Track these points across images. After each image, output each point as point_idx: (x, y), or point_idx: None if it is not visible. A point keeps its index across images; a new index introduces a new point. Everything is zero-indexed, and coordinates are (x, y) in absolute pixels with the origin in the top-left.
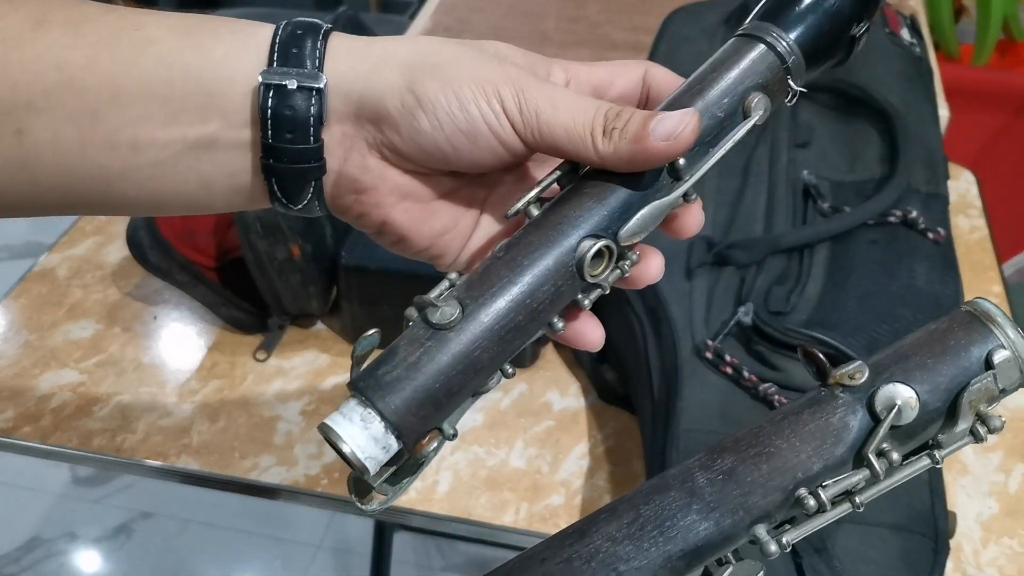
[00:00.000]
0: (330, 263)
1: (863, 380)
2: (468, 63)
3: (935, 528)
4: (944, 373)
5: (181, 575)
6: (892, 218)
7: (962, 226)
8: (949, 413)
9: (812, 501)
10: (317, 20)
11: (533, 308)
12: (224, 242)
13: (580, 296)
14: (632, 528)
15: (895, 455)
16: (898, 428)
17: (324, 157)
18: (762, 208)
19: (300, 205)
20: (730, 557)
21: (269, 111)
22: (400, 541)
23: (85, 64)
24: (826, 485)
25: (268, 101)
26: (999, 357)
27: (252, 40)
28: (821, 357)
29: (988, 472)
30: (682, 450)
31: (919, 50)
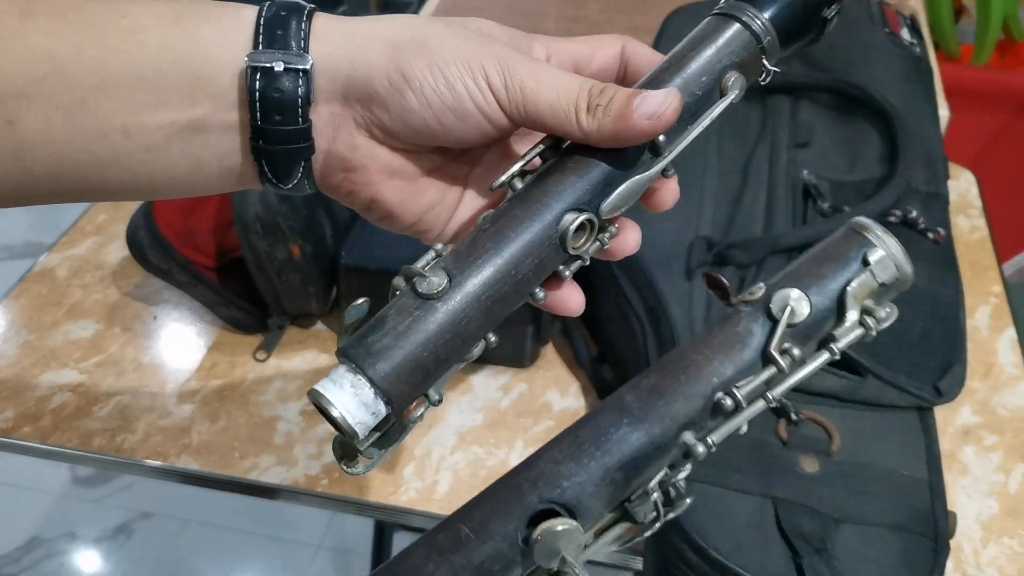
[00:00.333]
0: (330, 263)
1: (761, 294)
2: (453, 40)
3: (935, 528)
4: (829, 276)
5: (181, 575)
6: (892, 218)
7: (962, 226)
8: (839, 310)
9: (729, 401)
10: (301, 2)
11: (517, 279)
12: (224, 242)
13: (562, 267)
14: (572, 448)
15: (796, 351)
16: (795, 327)
17: (312, 137)
18: (762, 208)
19: (290, 185)
20: (668, 473)
21: (257, 93)
22: (400, 541)
23: (73, 53)
24: (740, 386)
25: (256, 83)
26: (874, 256)
27: (237, 23)
28: (724, 281)
29: (988, 472)
30: None
31: (919, 50)
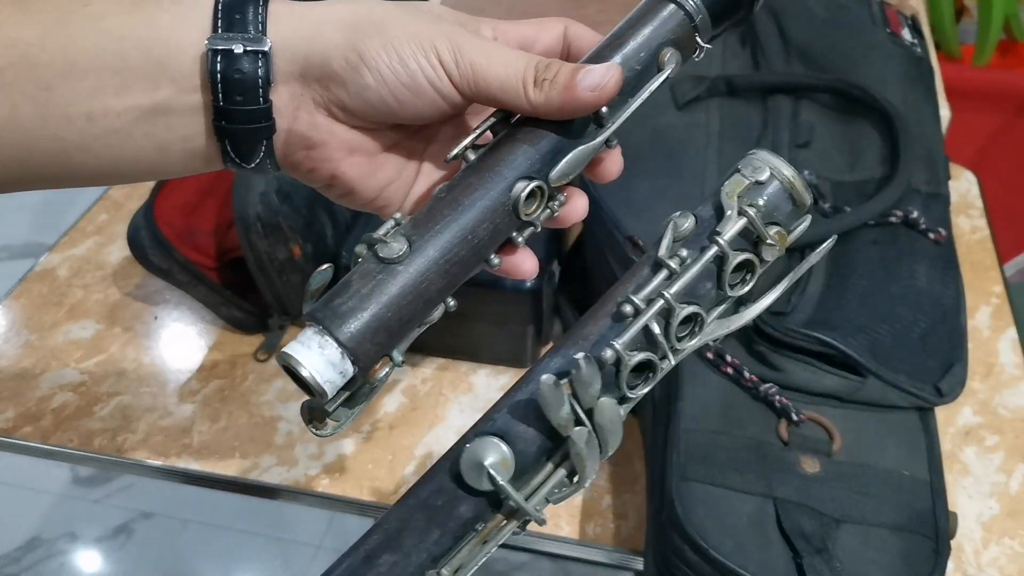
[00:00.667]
0: (331, 263)
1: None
2: (406, 20)
3: (936, 528)
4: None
5: (181, 575)
6: (893, 218)
7: (963, 226)
8: (718, 213)
9: (629, 307)
10: None
11: (474, 243)
12: (225, 242)
13: (515, 234)
14: (503, 396)
15: (684, 251)
16: (681, 240)
17: (273, 117)
18: None
19: (253, 164)
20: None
21: (218, 75)
22: None
23: (36, 40)
24: (636, 293)
25: (216, 66)
26: (743, 161)
27: (196, 8)
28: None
29: (989, 473)
30: (682, 450)
31: (920, 50)
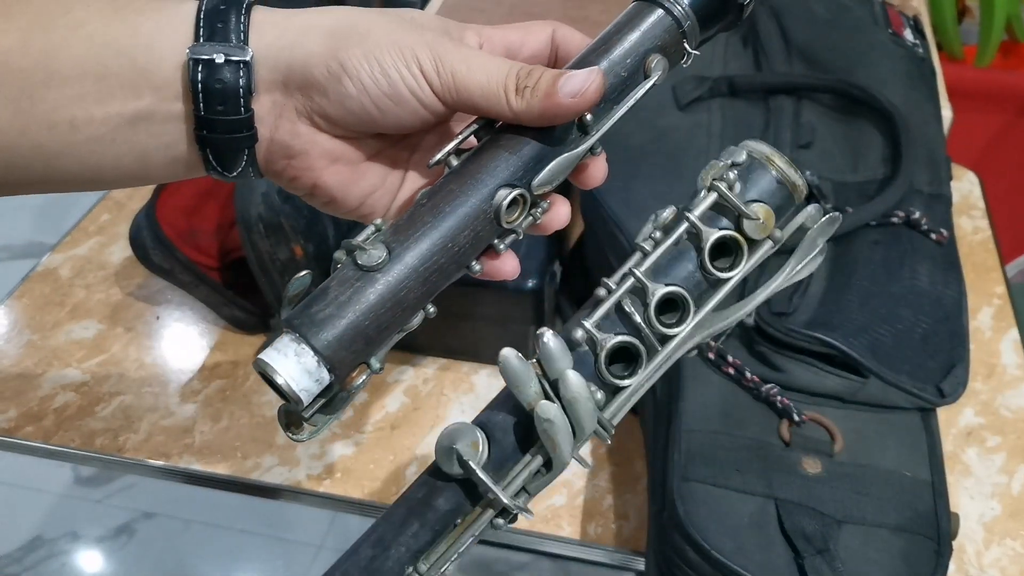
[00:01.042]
0: (332, 263)
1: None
2: (387, 29)
3: (938, 529)
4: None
5: (183, 575)
6: (895, 219)
7: (965, 227)
8: (694, 196)
9: (602, 290)
10: None
11: (454, 251)
12: (226, 242)
13: (496, 241)
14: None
15: (659, 234)
16: (660, 229)
17: (255, 126)
18: None
19: (235, 172)
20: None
21: (199, 84)
22: None
23: (18, 47)
24: (611, 277)
25: (198, 75)
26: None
27: (177, 16)
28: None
29: (991, 474)
30: (684, 450)
31: (922, 51)
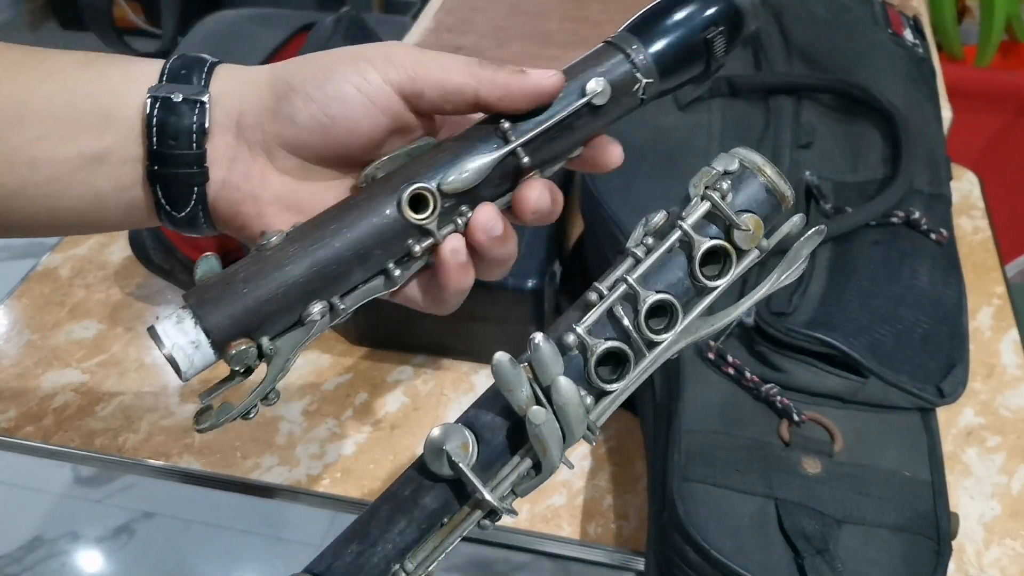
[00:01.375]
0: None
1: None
2: (336, 52)
3: (937, 529)
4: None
5: (183, 575)
6: (895, 219)
7: (965, 227)
8: (684, 202)
9: (594, 295)
10: (205, 56)
11: (353, 240)
12: (226, 242)
13: (411, 242)
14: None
15: (651, 240)
16: (652, 233)
17: (207, 165)
18: None
19: (184, 212)
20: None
21: (155, 119)
22: None
23: None
24: (603, 282)
25: (155, 111)
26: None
27: (148, 68)
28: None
29: (991, 474)
30: (684, 450)
31: (922, 51)
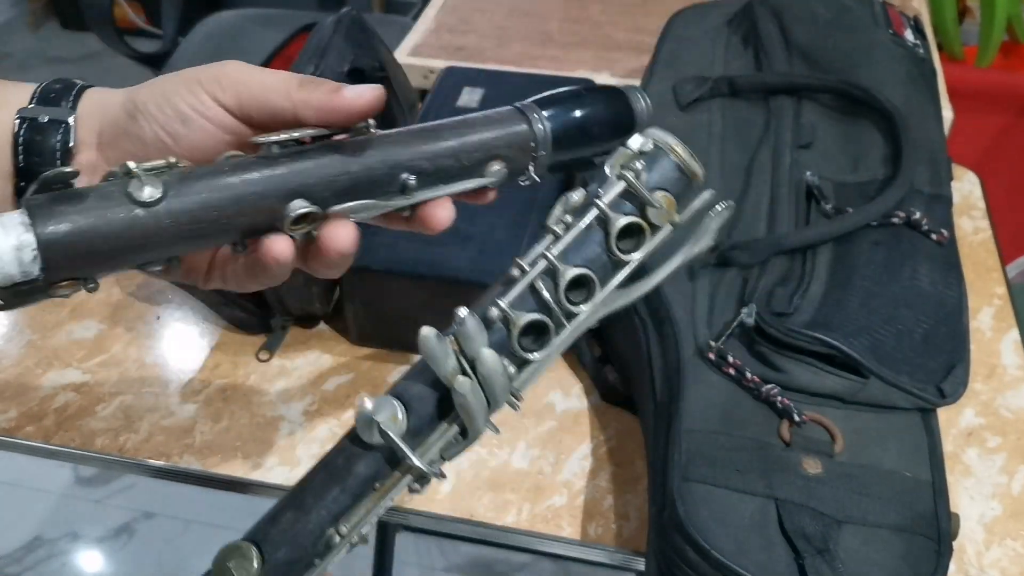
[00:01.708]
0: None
1: None
2: (177, 75)
3: (938, 529)
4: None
5: (183, 575)
6: (895, 219)
7: (965, 228)
8: (601, 180)
9: (516, 271)
10: (77, 80)
11: (223, 224)
12: None
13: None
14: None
15: (570, 218)
16: (571, 211)
17: (72, 181)
18: (765, 209)
19: None
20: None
21: (21, 138)
22: (402, 541)
23: None
24: (525, 259)
25: (21, 130)
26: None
27: (20, 92)
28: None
29: (991, 474)
30: (684, 451)
31: (923, 51)
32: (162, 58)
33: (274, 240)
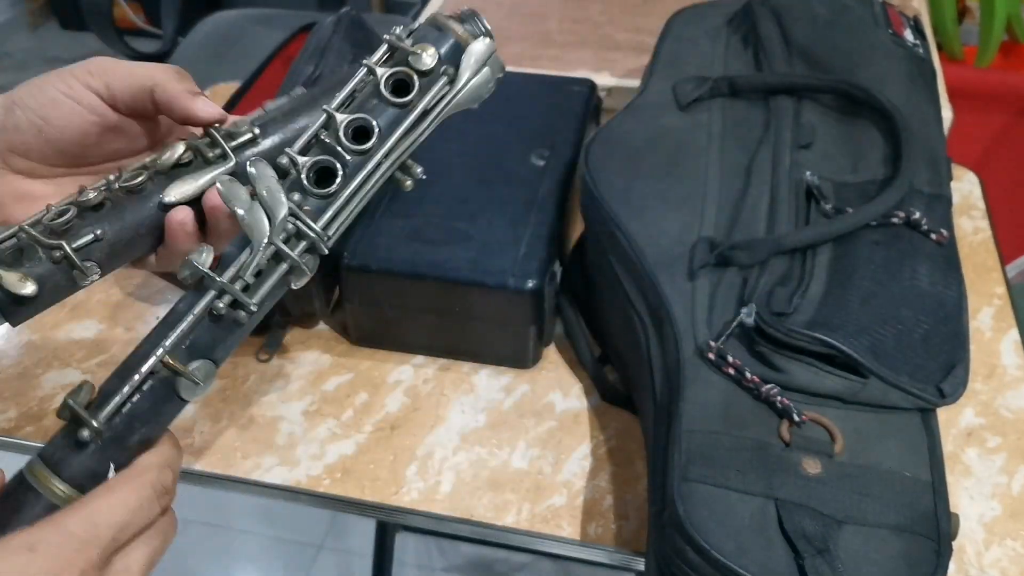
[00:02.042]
0: (332, 264)
1: None
2: (51, 72)
3: (938, 530)
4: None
5: (182, 575)
6: (895, 219)
7: (965, 227)
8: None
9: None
10: None
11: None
12: None
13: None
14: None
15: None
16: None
17: None
18: (765, 209)
19: None
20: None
21: None
22: (402, 541)
23: None
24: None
25: None
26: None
27: None
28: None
29: (991, 474)
30: (684, 450)
31: (922, 51)
32: (161, 58)
33: (175, 212)
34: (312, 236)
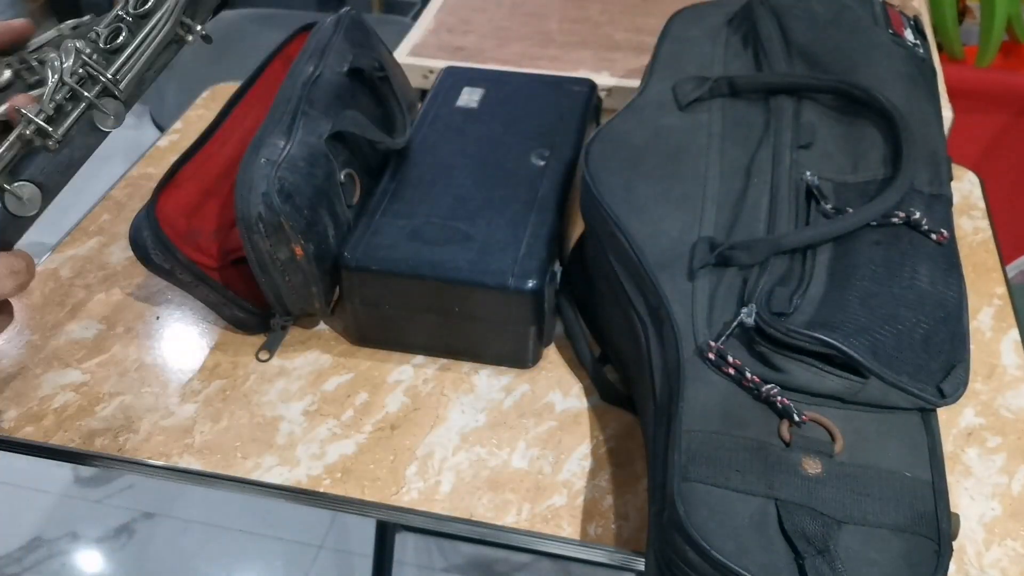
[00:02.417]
0: (332, 263)
1: None
2: None
3: (938, 530)
4: None
5: (183, 575)
6: (895, 219)
7: (965, 227)
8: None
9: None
10: None
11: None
12: (227, 242)
13: None
14: None
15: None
16: None
17: None
18: (765, 209)
19: None
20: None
21: None
22: (402, 541)
23: None
24: None
25: None
26: None
27: None
28: None
29: (991, 474)
30: (684, 450)
31: (923, 51)
32: None
33: None
34: (103, 80)
